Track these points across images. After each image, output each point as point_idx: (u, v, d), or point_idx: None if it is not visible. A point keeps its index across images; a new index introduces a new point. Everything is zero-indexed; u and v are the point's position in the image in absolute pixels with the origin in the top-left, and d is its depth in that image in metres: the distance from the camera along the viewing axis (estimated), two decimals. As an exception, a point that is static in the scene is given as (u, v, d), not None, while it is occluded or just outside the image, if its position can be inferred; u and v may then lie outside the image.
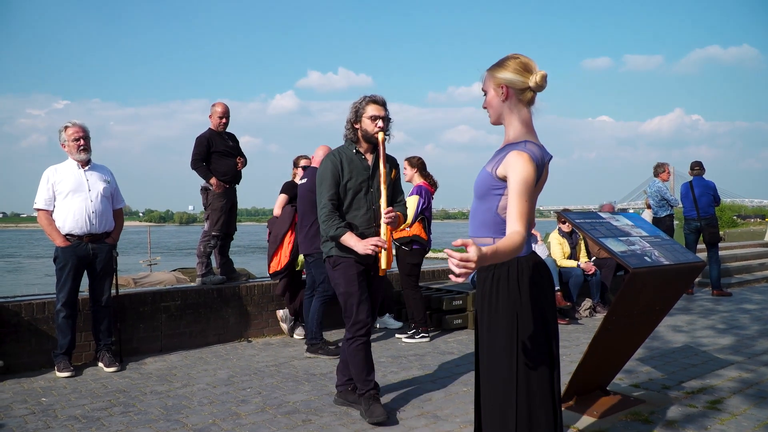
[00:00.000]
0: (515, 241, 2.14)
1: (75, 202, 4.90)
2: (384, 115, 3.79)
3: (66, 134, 4.97)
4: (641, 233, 3.93)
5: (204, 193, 6.32)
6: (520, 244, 2.15)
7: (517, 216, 2.22)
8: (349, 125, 3.83)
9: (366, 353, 3.81)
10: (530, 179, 2.26)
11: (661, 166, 9.71)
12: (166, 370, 4.98)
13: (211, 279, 6.18)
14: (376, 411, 3.68)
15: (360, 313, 3.75)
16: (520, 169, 2.26)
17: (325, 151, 5.67)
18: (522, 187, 2.24)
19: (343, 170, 3.77)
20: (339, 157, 3.80)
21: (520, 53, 2.42)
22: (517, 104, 2.41)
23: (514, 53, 2.43)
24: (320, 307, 5.45)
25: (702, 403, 4.01)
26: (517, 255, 2.21)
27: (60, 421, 3.76)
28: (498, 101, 2.43)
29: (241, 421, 3.75)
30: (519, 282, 2.39)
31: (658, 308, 3.95)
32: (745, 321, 7.01)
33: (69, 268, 4.84)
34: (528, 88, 2.38)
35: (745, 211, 49.47)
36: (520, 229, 2.19)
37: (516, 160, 2.28)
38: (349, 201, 3.78)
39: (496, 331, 2.41)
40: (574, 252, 7.70)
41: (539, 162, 2.35)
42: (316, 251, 5.42)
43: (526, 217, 2.23)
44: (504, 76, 2.39)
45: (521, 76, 2.37)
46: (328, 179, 3.77)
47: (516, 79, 2.37)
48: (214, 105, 6.35)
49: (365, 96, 3.83)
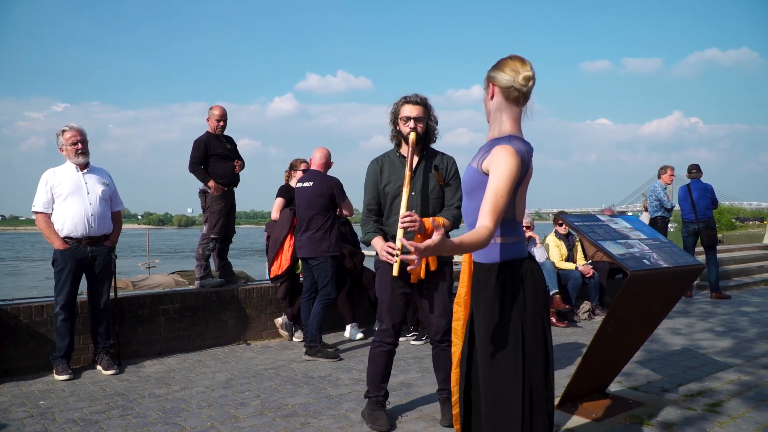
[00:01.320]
0: (481, 235, 2.18)
1: (73, 205, 4.90)
2: (417, 116, 3.60)
3: (64, 138, 4.97)
4: (640, 236, 3.93)
5: (202, 196, 6.32)
6: (485, 239, 2.19)
7: (488, 210, 2.23)
8: (392, 127, 3.73)
9: (386, 360, 3.74)
10: (512, 174, 2.27)
11: (663, 168, 9.75)
12: (165, 373, 4.98)
13: (209, 282, 6.18)
14: (380, 420, 3.66)
15: (386, 321, 3.69)
16: (503, 163, 2.28)
17: (324, 154, 5.67)
18: (501, 182, 2.26)
19: (382, 175, 3.72)
20: (381, 161, 3.76)
21: (520, 55, 2.45)
22: (503, 102, 2.45)
23: (514, 54, 2.47)
24: (321, 311, 5.45)
25: (701, 406, 4.01)
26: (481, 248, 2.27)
27: (58, 425, 3.75)
28: (486, 99, 2.51)
29: (239, 424, 3.75)
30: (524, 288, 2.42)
31: (656, 311, 3.95)
32: (743, 324, 7.02)
33: (67, 270, 4.83)
34: (512, 87, 2.41)
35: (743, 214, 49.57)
36: (488, 224, 2.21)
37: (499, 154, 2.31)
38: (388, 205, 3.70)
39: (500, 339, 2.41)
40: (571, 254, 7.71)
41: (524, 156, 2.36)
42: (320, 254, 5.42)
43: (498, 213, 2.24)
44: (493, 74, 2.45)
45: (508, 75, 2.41)
46: (369, 184, 3.76)
47: (502, 77, 2.42)
48: (212, 108, 6.36)
49: (402, 96, 3.71)
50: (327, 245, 5.44)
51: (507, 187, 2.26)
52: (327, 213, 5.47)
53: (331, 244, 5.45)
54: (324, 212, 5.45)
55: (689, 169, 9.55)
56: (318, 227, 5.43)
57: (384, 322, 3.70)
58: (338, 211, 5.60)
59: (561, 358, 5.37)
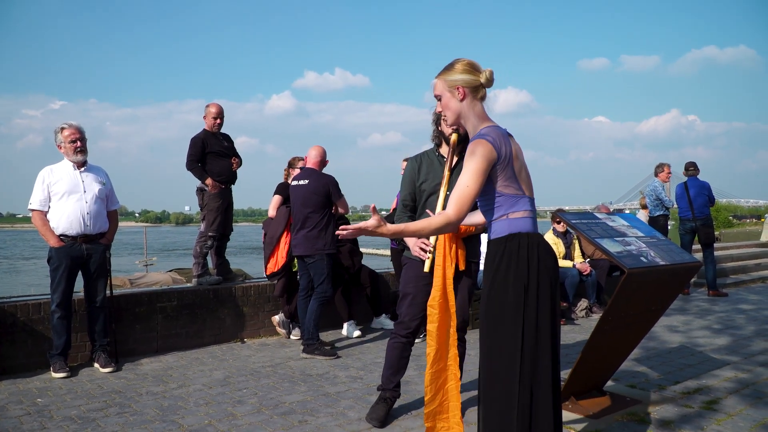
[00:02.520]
0: (433, 221, 2.40)
1: (70, 204, 4.89)
2: None
3: (62, 136, 4.96)
4: (637, 234, 3.94)
5: (200, 194, 6.31)
6: (439, 224, 2.38)
7: (452, 199, 2.39)
8: (434, 128, 3.80)
9: (399, 354, 3.78)
10: (478, 163, 2.38)
11: (660, 166, 9.76)
12: (162, 370, 4.97)
13: (207, 279, 6.17)
14: (377, 413, 3.70)
15: (405, 315, 3.73)
16: (469, 156, 2.40)
17: (319, 152, 5.66)
18: (466, 173, 2.39)
19: (420, 172, 3.80)
20: (420, 159, 3.85)
21: (463, 57, 2.61)
22: (472, 101, 2.56)
23: (457, 58, 2.61)
24: (318, 308, 5.45)
25: (698, 404, 4.02)
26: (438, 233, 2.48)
27: (55, 422, 3.75)
28: (455, 102, 2.58)
29: (237, 421, 3.75)
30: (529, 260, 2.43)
31: (654, 309, 3.95)
32: (741, 321, 7.03)
33: (63, 268, 4.83)
34: (480, 85, 2.55)
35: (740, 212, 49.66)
36: (449, 212, 2.37)
37: (471, 147, 2.42)
38: (423, 201, 3.77)
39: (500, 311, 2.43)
40: (568, 252, 7.71)
41: (496, 141, 2.43)
42: (317, 252, 5.42)
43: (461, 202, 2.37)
44: (457, 78, 2.55)
45: (472, 75, 2.54)
46: (406, 180, 3.86)
47: (469, 78, 2.54)
48: (209, 106, 6.35)
49: None
50: (323, 243, 5.44)
51: (471, 176, 2.37)
52: (323, 211, 5.47)
53: (327, 242, 5.45)
54: (320, 210, 5.45)
55: (686, 166, 9.57)
56: (314, 225, 5.43)
57: (402, 316, 3.75)
58: (333, 208, 5.60)
59: (558, 356, 5.38)
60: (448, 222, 2.37)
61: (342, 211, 5.75)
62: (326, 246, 5.45)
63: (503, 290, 2.43)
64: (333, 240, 5.52)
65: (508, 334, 2.40)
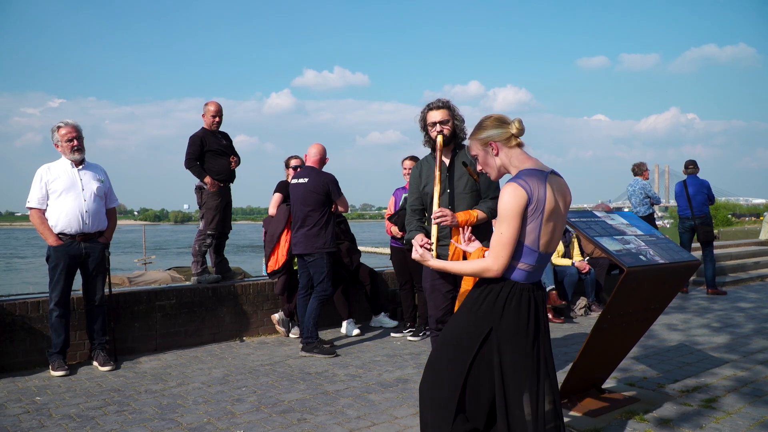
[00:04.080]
0: (476, 267, 2.46)
1: (68, 202, 4.88)
2: (442, 119, 3.80)
3: (59, 134, 4.94)
4: (636, 232, 3.93)
5: (198, 192, 6.30)
6: (480, 270, 2.45)
7: (492, 246, 2.42)
8: (423, 134, 3.94)
9: None
10: (511, 207, 2.36)
11: (643, 165, 9.78)
12: (161, 369, 4.97)
13: (206, 278, 6.17)
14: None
15: (430, 308, 3.90)
16: (502, 200, 2.39)
17: (318, 150, 5.65)
18: (501, 217, 2.39)
19: (422, 177, 3.95)
20: (421, 165, 3.99)
21: (491, 113, 2.64)
22: (507, 152, 2.56)
23: (485, 115, 2.64)
24: (318, 307, 5.45)
25: (697, 402, 4.02)
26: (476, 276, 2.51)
27: (54, 420, 3.74)
28: (492, 158, 2.59)
29: (236, 420, 3.74)
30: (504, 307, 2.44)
31: (653, 307, 3.95)
32: (740, 319, 7.03)
33: (61, 267, 4.82)
34: (512, 136, 2.55)
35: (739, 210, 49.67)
36: (488, 261, 2.41)
37: (502, 191, 2.42)
38: (429, 205, 3.88)
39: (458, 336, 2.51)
40: (567, 250, 7.71)
41: (527, 185, 2.39)
42: (316, 251, 5.42)
43: (501, 249, 2.38)
44: (489, 135, 2.57)
45: (501, 128, 2.55)
46: (411, 186, 4.02)
47: (498, 132, 2.55)
48: (207, 104, 6.34)
49: (426, 105, 3.93)
50: (323, 241, 5.43)
51: (505, 224, 2.38)
52: (322, 209, 5.46)
53: (327, 240, 5.45)
54: (319, 208, 5.45)
55: (686, 164, 9.57)
56: (314, 224, 5.43)
57: (429, 309, 3.93)
58: (333, 207, 5.59)
59: (557, 354, 5.38)
60: (486, 269, 2.42)
61: (342, 209, 5.75)
62: (326, 244, 5.45)
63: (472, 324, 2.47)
64: (333, 238, 5.51)
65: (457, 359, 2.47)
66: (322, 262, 5.43)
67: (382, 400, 4.12)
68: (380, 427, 3.61)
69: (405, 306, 6.38)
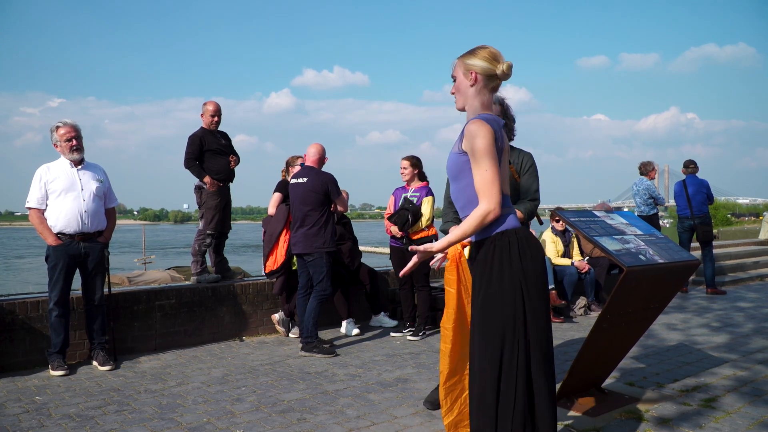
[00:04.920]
0: (476, 216, 2.36)
1: (67, 202, 4.88)
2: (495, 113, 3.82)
3: (58, 134, 4.94)
4: (636, 232, 3.93)
5: (198, 192, 6.30)
6: (481, 218, 2.35)
7: (480, 188, 2.37)
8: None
9: None
10: (488, 142, 2.36)
11: (649, 165, 9.74)
12: (161, 368, 4.97)
13: (205, 277, 6.17)
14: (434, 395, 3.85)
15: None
16: (477, 135, 2.38)
17: (318, 150, 5.65)
18: (481, 153, 2.36)
19: None
20: None
21: (488, 46, 2.58)
22: (482, 90, 2.56)
23: (483, 44, 2.60)
24: (317, 307, 5.45)
25: (697, 401, 4.02)
26: (483, 227, 2.40)
27: (54, 420, 3.74)
28: (466, 85, 2.58)
29: (235, 419, 3.74)
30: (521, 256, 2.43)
31: (652, 306, 3.95)
32: (739, 319, 7.04)
33: (61, 266, 4.82)
34: (495, 76, 2.54)
35: (739, 210, 49.68)
36: (483, 203, 2.35)
37: (472, 128, 2.41)
38: None
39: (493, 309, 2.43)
40: (567, 250, 7.71)
41: (496, 126, 2.44)
42: (316, 250, 5.42)
43: (491, 186, 2.35)
44: (474, 63, 2.55)
45: (490, 64, 2.53)
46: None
47: (485, 65, 2.53)
48: (206, 104, 6.35)
49: None
50: (322, 241, 5.43)
51: (488, 155, 2.36)
52: (321, 209, 5.46)
53: (327, 240, 5.45)
54: (319, 208, 5.45)
55: (685, 164, 9.56)
56: (313, 223, 5.43)
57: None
58: (333, 206, 5.59)
59: (557, 354, 5.37)
60: (485, 212, 2.35)
61: (341, 209, 5.74)
62: (325, 244, 5.45)
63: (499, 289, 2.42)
64: (332, 238, 5.51)
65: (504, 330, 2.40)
66: (322, 261, 5.43)
67: (381, 399, 4.12)
68: (380, 427, 3.61)
69: (405, 306, 6.38)
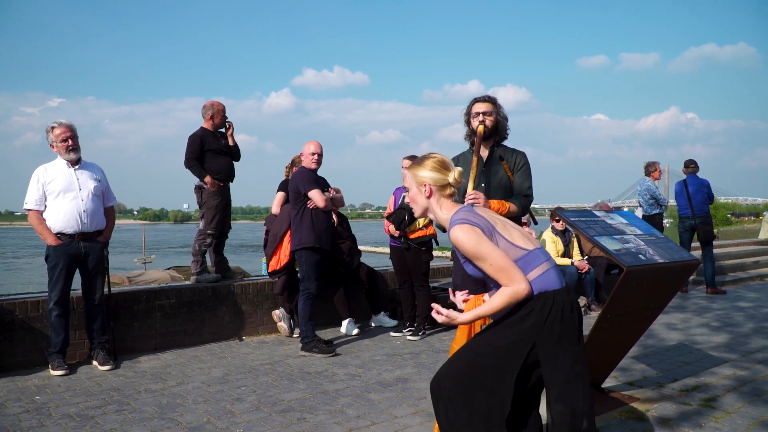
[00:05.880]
0: (505, 299, 2.32)
1: (66, 202, 4.87)
2: (486, 111, 3.82)
3: (53, 135, 4.93)
4: (636, 231, 3.93)
5: (198, 192, 6.30)
6: (511, 297, 2.31)
7: (498, 279, 2.34)
8: (466, 128, 3.97)
9: None
10: (476, 242, 2.34)
11: (652, 165, 9.75)
12: (161, 368, 4.97)
13: (205, 277, 6.17)
14: None
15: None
16: (461, 240, 2.36)
17: (315, 147, 5.60)
18: (475, 254, 2.34)
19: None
20: (458, 159, 4.05)
21: (436, 152, 2.61)
22: (439, 198, 2.56)
23: (430, 152, 2.62)
24: (303, 306, 5.44)
25: (697, 401, 4.02)
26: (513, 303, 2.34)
27: (54, 420, 3.74)
28: (422, 198, 2.58)
29: (235, 419, 3.75)
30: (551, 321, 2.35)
31: (652, 306, 3.95)
32: (739, 319, 7.04)
33: (60, 266, 4.82)
34: (448, 184, 2.54)
35: (739, 210, 49.63)
36: (509, 287, 2.31)
37: (454, 237, 2.39)
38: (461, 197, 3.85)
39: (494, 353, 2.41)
40: (567, 250, 7.72)
41: (470, 219, 2.41)
42: (296, 248, 5.52)
43: (506, 273, 2.31)
44: (424, 175, 2.55)
45: (440, 173, 2.54)
46: None
47: (436, 176, 2.54)
48: (214, 104, 6.33)
49: (473, 98, 3.97)
50: (298, 238, 5.49)
51: (484, 252, 2.33)
52: (297, 206, 5.54)
53: (303, 237, 5.45)
54: (296, 206, 5.54)
55: (686, 164, 9.57)
56: (294, 221, 5.53)
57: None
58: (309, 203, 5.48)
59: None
60: (514, 292, 2.30)
61: (321, 206, 5.46)
62: (302, 240, 5.46)
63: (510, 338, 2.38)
64: (310, 234, 5.43)
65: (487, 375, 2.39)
66: (302, 259, 5.49)
67: (381, 399, 4.12)
68: (380, 427, 3.61)
69: (404, 305, 6.37)
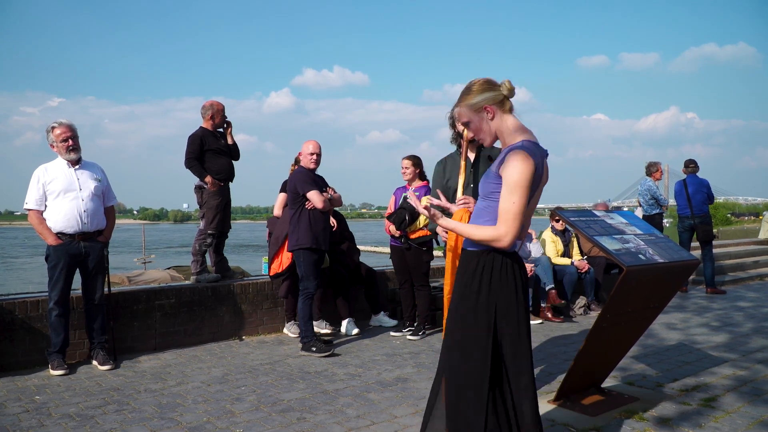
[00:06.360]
0: (486, 234, 2.35)
1: (66, 202, 4.87)
2: None
3: (54, 135, 4.93)
4: (636, 231, 3.93)
5: (198, 192, 6.30)
6: (489, 239, 2.34)
7: (502, 215, 2.32)
8: (452, 131, 4.05)
9: None
10: (525, 177, 2.31)
11: (653, 165, 9.75)
12: (161, 368, 4.97)
13: (205, 277, 6.17)
14: None
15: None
16: (514, 167, 2.32)
17: (314, 146, 5.59)
18: (514, 185, 2.31)
19: (445, 172, 4.17)
20: (445, 161, 4.15)
21: (473, 79, 2.58)
22: (502, 116, 2.50)
23: (470, 80, 2.58)
24: (302, 306, 5.44)
25: (696, 401, 4.02)
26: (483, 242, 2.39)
27: (54, 420, 3.74)
28: (486, 122, 2.52)
29: (235, 419, 3.75)
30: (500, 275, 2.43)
31: (652, 306, 3.95)
32: (739, 318, 7.04)
33: (61, 266, 4.82)
34: (504, 98, 2.49)
35: (739, 209, 49.60)
36: (500, 228, 2.32)
37: (512, 158, 2.34)
38: (451, 198, 3.96)
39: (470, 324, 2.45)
40: (567, 250, 7.72)
41: (538, 159, 2.39)
42: (293, 248, 5.54)
43: (514, 219, 2.31)
44: (479, 99, 2.50)
45: (492, 91, 2.49)
46: (435, 182, 4.23)
47: (490, 95, 2.49)
48: (213, 104, 6.33)
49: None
50: (295, 238, 5.48)
51: (520, 190, 2.31)
52: (294, 206, 5.54)
53: (299, 237, 5.46)
54: (293, 206, 5.55)
55: (686, 164, 9.58)
56: (292, 221, 5.52)
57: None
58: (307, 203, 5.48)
59: (556, 353, 5.39)
60: (497, 238, 2.33)
61: (319, 207, 5.47)
62: (298, 241, 5.47)
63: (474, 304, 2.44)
64: (307, 235, 5.44)
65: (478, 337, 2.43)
66: (299, 259, 5.48)
67: (381, 399, 4.12)
68: (379, 427, 3.61)
69: (404, 305, 6.38)
